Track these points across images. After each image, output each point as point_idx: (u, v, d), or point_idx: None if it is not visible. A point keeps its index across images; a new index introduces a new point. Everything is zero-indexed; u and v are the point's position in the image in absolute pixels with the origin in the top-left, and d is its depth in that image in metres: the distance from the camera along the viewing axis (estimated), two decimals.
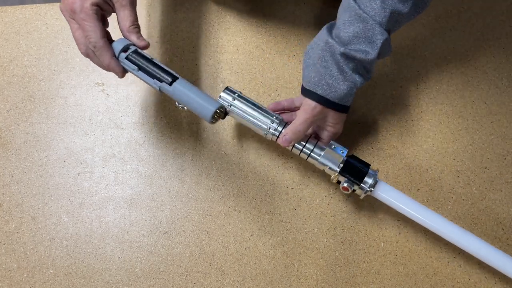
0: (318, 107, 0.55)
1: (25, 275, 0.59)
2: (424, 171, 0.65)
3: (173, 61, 0.70)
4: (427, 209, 0.56)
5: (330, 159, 0.56)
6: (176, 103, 0.54)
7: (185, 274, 0.60)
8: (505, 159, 0.66)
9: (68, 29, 0.71)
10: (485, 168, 0.65)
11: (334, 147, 0.57)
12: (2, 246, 0.60)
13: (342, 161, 0.56)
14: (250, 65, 0.70)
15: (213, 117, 0.51)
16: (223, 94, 0.59)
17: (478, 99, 0.69)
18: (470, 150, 0.66)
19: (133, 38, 0.53)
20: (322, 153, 0.57)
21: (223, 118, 0.58)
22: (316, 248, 0.61)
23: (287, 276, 0.60)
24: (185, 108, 0.53)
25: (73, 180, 0.64)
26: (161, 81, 0.51)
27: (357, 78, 0.55)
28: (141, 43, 0.53)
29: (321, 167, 0.58)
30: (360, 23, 0.52)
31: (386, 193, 0.56)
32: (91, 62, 0.69)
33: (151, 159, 0.65)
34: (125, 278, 0.59)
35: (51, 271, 0.60)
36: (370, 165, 0.56)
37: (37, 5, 0.72)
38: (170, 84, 0.51)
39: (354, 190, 0.56)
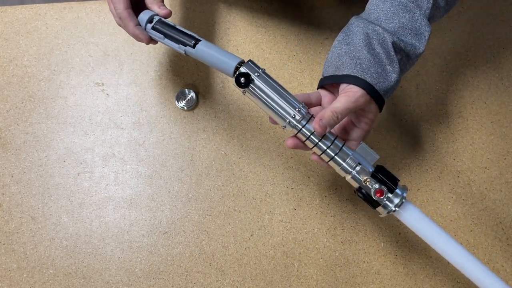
0: (366, 96, 0.48)
1: (25, 275, 0.59)
2: (424, 171, 0.65)
3: (173, 60, 0.70)
4: (452, 241, 0.47)
5: (363, 159, 0.48)
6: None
7: (185, 274, 0.60)
8: (505, 159, 0.66)
9: (68, 29, 0.71)
10: (485, 168, 0.65)
11: (367, 148, 0.49)
12: (2, 246, 0.60)
13: (375, 164, 0.49)
14: None
15: (235, 72, 0.49)
16: (242, 69, 0.48)
17: (478, 99, 0.69)
18: (470, 150, 0.66)
19: (155, 8, 0.55)
20: (352, 153, 0.48)
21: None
22: (316, 248, 0.61)
23: (287, 276, 0.60)
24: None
25: (73, 180, 0.64)
26: (185, 45, 0.53)
27: (400, 72, 0.50)
28: (162, 12, 0.55)
29: (344, 172, 0.49)
30: (406, 14, 0.49)
31: (413, 217, 0.48)
32: (91, 62, 0.70)
33: (151, 159, 0.65)
34: (125, 278, 0.59)
35: (51, 271, 0.60)
36: (399, 179, 0.48)
37: (37, 5, 0.72)
38: (194, 46, 0.53)
39: (387, 198, 0.47)
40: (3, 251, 0.60)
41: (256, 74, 0.48)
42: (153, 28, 0.55)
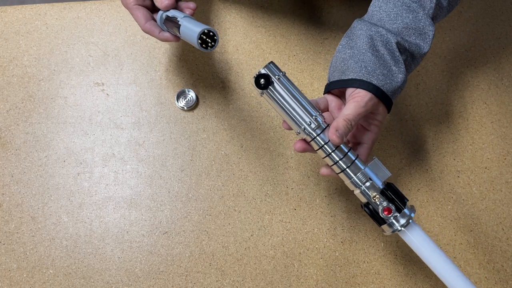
0: (374, 99, 0.48)
1: (24, 275, 0.59)
2: (424, 171, 0.65)
3: (172, 60, 0.70)
4: (454, 268, 0.46)
5: (374, 175, 0.47)
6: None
7: (185, 274, 0.60)
8: (505, 159, 0.66)
9: (68, 29, 0.71)
10: (485, 168, 0.65)
11: (380, 164, 0.48)
12: (2, 246, 0.60)
13: (385, 181, 0.48)
14: (250, 65, 0.70)
15: (200, 39, 0.48)
16: (263, 71, 0.47)
17: (478, 99, 0.69)
18: (470, 150, 0.66)
19: (158, 4, 0.55)
20: (364, 167, 0.47)
21: (214, 46, 0.49)
22: (316, 248, 0.61)
23: (287, 276, 0.60)
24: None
25: (73, 180, 0.64)
26: (178, 31, 0.52)
27: (406, 71, 0.50)
28: (162, 5, 0.54)
29: (353, 186, 0.48)
30: (410, 14, 0.49)
31: (417, 239, 0.47)
32: (91, 62, 0.70)
33: (151, 159, 0.65)
34: (125, 278, 0.59)
35: (50, 271, 0.60)
36: (408, 200, 0.48)
37: (37, 5, 0.72)
38: (179, 31, 0.52)
39: (396, 216, 0.46)
40: (3, 251, 0.60)
41: (276, 77, 0.47)
42: (166, 27, 0.55)
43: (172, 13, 0.54)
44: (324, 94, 0.54)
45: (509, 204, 0.63)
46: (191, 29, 0.49)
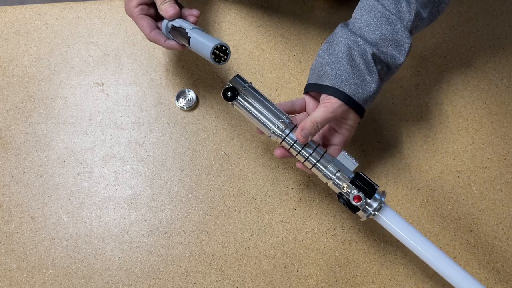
0: (344, 106, 0.51)
1: (24, 275, 0.59)
2: (424, 171, 0.65)
3: (172, 60, 0.70)
4: (430, 244, 0.49)
5: (343, 166, 0.51)
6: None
7: (185, 274, 0.60)
8: (505, 159, 0.66)
9: (68, 29, 0.71)
10: (485, 168, 0.65)
11: (347, 155, 0.51)
12: (2, 246, 0.60)
13: (354, 171, 0.51)
14: (250, 65, 0.70)
15: (213, 54, 0.50)
16: (229, 84, 0.52)
17: (478, 99, 0.69)
18: (470, 150, 0.66)
19: (163, 14, 0.55)
20: (333, 160, 0.51)
21: (226, 60, 0.52)
22: (316, 248, 0.61)
23: (287, 276, 0.60)
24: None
25: (73, 180, 0.64)
26: (187, 42, 0.53)
27: (381, 81, 0.52)
28: (166, 15, 0.55)
29: (326, 179, 0.52)
30: (388, 26, 0.50)
31: (391, 220, 0.50)
32: (91, 62, 0.70)
33: (151, 159, 0.65)
34: (125, 278, 0.59)
35: (50, 271, 0.60)
36: (378, 186, 0.51)
37: (37, 5, 0.72)
38: (189, 44, 0.53)
39: (366, 203, 0.50)
40: (3, 251, 0.60)
41: (242, 88, 0.52)
42: (172, 36, 0.56)
43: (178, 23, 0.55)
44: (304, 94, 0.57)
45: (509, 204, 0.63)
46: (203, 43, 0.51)
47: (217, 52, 0.50)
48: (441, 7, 0.54)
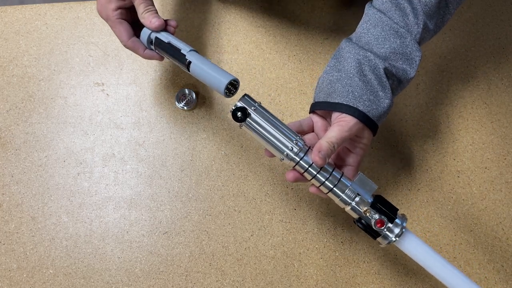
0: (359, 124, 0.48)
1: (25, 275, 0.59)
2: (424, 171, 0.65)
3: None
4: (455, 270, 0.46)
5: (362, 189, 0.47)
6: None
7: (185, 274, 0.60)
8: (505, 159, 0.66)
9: (68, 29, 0.71)
10: (485, 168, 0.65)
11: (365, 178, 0.48)
12: (2, 246, 0.60)
13: (373, 194, 0.48)
14: (250, 65, 0.70)
15: (226, 89, 0.50)
16: (239, 104, 0.48)
17: (478, 99, 0.69)
18: (470, 150, 0.66)
19: (147, 23, 0.54)
20: (351, 183, 0.47)
21: (234, 92, 0.52)
22: (316, 248, 0.61)
23: (287, 276, 0.60)
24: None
25: (73, 180, 0.64)
26: (182, 64, 0.53)
27: (393, 96, 0.50)
28: (152, 26, 0.54)
29: (343, 204, 0.48)
30: (397, 39, 0.49)
31: (413, 247, 0.47)
32: (91, 62, 0.70)
33: (151, 159, 0.65)
34: (125, 278, 0.59)
35: (50, 271, 0.60)
36: (398, 209, 0.48)
37: (37, 5, 0.72)
38: (188, 69, 0.53)
39: (388, 228, 0.46)
40: (3, 251, 0.60)
41: (253, 108, 0.48)
42: (154, 47, 0.55)
43: (166, 38, 0.54)
44: (309, 113, 0.54)
45: (509, 204, 0.63)
46: (215, 77, 0.50)
47: (229, 86, 0.50)
48: (446, 18, 0.53)
